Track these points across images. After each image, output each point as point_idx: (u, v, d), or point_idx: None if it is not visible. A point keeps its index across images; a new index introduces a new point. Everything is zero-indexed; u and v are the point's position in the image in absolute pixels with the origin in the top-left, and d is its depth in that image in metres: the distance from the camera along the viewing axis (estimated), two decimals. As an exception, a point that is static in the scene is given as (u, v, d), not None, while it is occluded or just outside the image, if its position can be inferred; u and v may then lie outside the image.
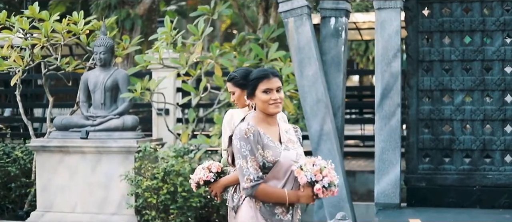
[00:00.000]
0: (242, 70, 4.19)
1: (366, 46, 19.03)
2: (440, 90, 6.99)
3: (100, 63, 7.68)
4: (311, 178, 3.15)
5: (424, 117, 7.01)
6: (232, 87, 4.17)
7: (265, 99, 3.33)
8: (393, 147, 6.61)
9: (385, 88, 6.65)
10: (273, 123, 3.41)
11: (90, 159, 7.41)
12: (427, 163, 7.03)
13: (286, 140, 3.42)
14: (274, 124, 3.42)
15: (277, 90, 3.31)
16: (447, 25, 6.99)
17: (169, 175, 6.98)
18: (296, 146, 3.45)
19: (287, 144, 3.42)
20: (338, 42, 7.07)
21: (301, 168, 3.19)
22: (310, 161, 3.20)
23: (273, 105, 3.30)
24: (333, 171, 3.21)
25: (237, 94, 4.15)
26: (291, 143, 3.44)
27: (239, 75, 4.12)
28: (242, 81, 4.06)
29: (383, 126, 6.65)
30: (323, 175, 3.15)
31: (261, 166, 3.31)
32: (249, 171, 3.26)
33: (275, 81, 3.31)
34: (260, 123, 3.38)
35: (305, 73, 6.78)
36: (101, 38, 7.70)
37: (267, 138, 3.34)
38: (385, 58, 6.66)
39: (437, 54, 6.99)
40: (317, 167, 3.16)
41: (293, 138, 3.47)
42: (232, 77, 4.16)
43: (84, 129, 7.50)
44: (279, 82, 3.33)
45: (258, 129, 3.33)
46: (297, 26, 6.82)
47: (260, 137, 3.32)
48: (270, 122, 3.40)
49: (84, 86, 7.77)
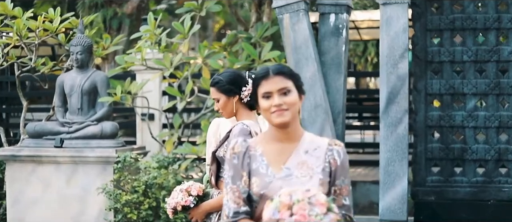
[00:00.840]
0: (228, 73, 3.58)
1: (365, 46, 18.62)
2: (450, 94, 6.64)
3: (77, 64, 7.18)
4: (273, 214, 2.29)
5: (433, 124, 6.65)
6: (216, 93, 3.54)
7: (265, 107, 2.57)
8: (400, 158, 6.24)
9: (391, 92, 6.27)
10: (288, 138, 2.58)
11: (65, 169, 6.99)
12: (436, 175, 6.68)
13: (295, 164, 2.54)
14: (290, 141, 2.58)
15: (282, 93, 2.54)
16: (459, 22, 6.62)
17: (151, 188, 6.58)
18: (310, 175, 2.53)
19: (295, 170, 2.53)
20: (338, 41, 6.70)
21: (272, 199, 2.34)
22: (290, 192, 2.32)
23: (275, 114, 2.52)
24: (318, 209, 2.26)
25: (223, 102, 3.54)
26: (305, 169, 2.54)
27: (224, 79, 3.52)
28: (229, 86, 3.45)
29: (388, 134, 6.27)
30: (292, 212, 2.26)
31: (246, 198, 2.54)
32: (228, 204, 2.54)
33: (276, 81, 2.54)
34: (269, 140, 2.60)
35: (302, 75, 6.02)
36: (78, 36, 7.22)
37: (261, 161, 2.55)
38: (391, 59, 6.27)
39: (448, 54, 6.63)
40: (286, 201, 2.27)
41: (312, 162, 2.55)
42: (216, 82, 3.54)
43: (58, 137, 7.04)
44: (284, 82, 2.55)
45: (254, 147, 2.58)
46: (293, 23, 6.44)
47: (250, 159, 2.56)
48: (282, 138, 2.58)
49: (60, 90, 7.31)
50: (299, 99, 2.59)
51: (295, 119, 2.57)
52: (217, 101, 3.58)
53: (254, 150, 2.59)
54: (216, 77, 3.57)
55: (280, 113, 2.52)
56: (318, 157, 2.56)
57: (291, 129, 2.57)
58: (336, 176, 2.57)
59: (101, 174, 6.88)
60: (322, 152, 2.58)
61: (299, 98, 2.59)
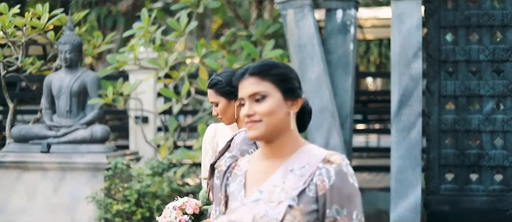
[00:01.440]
0: (228, 73, 3.17)
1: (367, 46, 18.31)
2: (466, 96, 6.42)
3: (66, 64, 6.89)
4: None
5: (447, 128, 6.44)
6: (215, 96, 3.12)
7: (241, 118, 2.24)
8: (413, 165, 5.99)
9: (403, 94, 6.03)
10: (275, 155, 2.08)
11: (52, 176, 6.77)
12: (451, 182, 6.47)
13: (271, 186, 2.03)
14: (278, 157, 2.09)
15: (254, 100, 2.04)
16: (475, 19, 6.40)
17: (144, 197, 6.37)
18: (279, 200, 1.98)
19: (267, 194, 2.02)
20: (346, 39, 6.55)
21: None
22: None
23: (247, 126, 2.05)
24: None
25: (222, 106, 3.12)
26: (277, 193, 2.00)
27: (224, 79, 3.11)
28: (229, 88, 3.05)
29: (401, 139, 6.03)
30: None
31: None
32: None
33: (248, 85, 2.05)
34: (260, 155, 2.15)
35: (307, 75, 6.25)
36: (67, 34, 6.93)
37: (239, 182, 2.10)
38: (403, 58, 6.03)
39: (463, 53, 6.41)
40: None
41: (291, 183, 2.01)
42: (215, 83, 3.11)
43: (45, 141, 6.78)
44: (257, 85, 2.04)
45: (240, 165, 2.13)
46: (298, 19, 6.25)
47: (229, 179, 2.12)
48: (269, 154, 2.09)
49: (47, 91, 7.04)
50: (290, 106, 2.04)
51: (281, 131, 2.04)
52: (216, 106, 3.16)
53: (238, 169, 2.13)
54: (215, 78, 3.13)
55: (251, 125, 2.04)
56: (301, 177, 2.00)
57: (276, 143, 2.07)
58: (326, 204, 1.98)
59: (90, 181, 6.69)
60: (309, 170, 2.00)
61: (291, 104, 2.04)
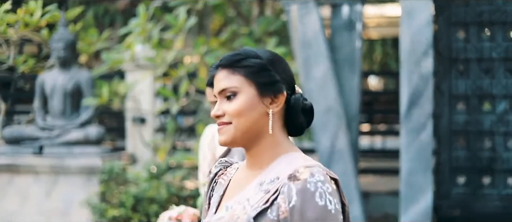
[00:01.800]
0: None
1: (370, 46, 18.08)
2: (478, 96, 6.24)
3: (59, 62, 6.78)
4: None
5: (458, 129, 6.27)
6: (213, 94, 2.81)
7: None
8: (424, 168, 5.80)
9: (413, 94, 5.84)
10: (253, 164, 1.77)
11: (45, 180, 6.66)
12: (462, 186, 6.30)
13: (237, 201, 1.74)
14: (255, 167, 1.77)
15: (224, 96, 1.73)
16: (487, 15, 6.22)
17: (141, 202, 6.19)
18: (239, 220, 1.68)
19: (231, 210, 1.74)
20: (352, 36, 6.36)
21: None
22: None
23: (218, 129, 1.75)
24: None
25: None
26: (239, 210, 1.71)
27: None
28: None
29: (410, 141, 5.83)
30: None
31: None
32: None
33: (218, 79, 1.75)
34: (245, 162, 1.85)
35: (312, 74, 6.11)
36: (60, 31, 6.80)
37: (219, 194, 1.82)
38: (413, 56, 5.83)
39: (475, 51, 6.24)
40: None
41: (255, 200, 1.70)
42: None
43: (37, 143, 6.69)
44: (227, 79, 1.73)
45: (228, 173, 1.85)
46: (302, 15, 6.07)
47: (214, 189, 1.86)
48: (248, 163, 1.79)
49: (40, 91, 6.93)
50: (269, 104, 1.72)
51: (257, 136, 1.73)
52: (214, 104, 2.88)
53: (224, 178, 1.84)
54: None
55: (220, 129, 1.73)
56: (266, 193, 1.69)
57: (254, 151, 1.75)
58: None
59: (84, 185, 6.59)
60: (276, 186, 1.69)
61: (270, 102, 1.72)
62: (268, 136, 1.72)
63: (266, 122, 1.71)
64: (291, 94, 1.75)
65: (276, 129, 1.73)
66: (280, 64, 1.75)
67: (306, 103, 1.77)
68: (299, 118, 1.75)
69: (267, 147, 1.73)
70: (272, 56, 1.75)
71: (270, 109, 1.71)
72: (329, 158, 6.04)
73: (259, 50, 1.76)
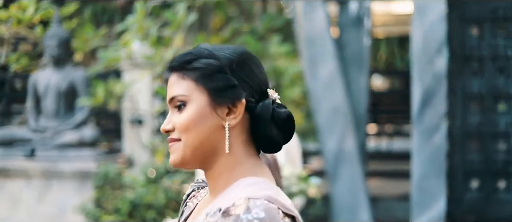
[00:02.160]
0: None
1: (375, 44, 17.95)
2: (492, 95, 6.08)
3: (53, 61, 6.60)
4: None
5: (471, 131, 6.11)
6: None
7: None
8: (437, 172, 5.69)
9: (425, 93, 5.73)
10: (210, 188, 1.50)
11: (37, 184, 6.49)
12: (476, 191, 6.13)
13: None
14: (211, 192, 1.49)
15: (174, 106, 1.45)
16: (502, 11, 6.06)
17: (137, 208, 6.06)
18: None
19: None
20: (360, 33, 6.32)
21: None
22: None
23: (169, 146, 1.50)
24: None
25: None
26: None
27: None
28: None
29: (423, 143, 5.71)
30: None
31: None
32: None
33: (168, 87, 1.48)
34: None
35: (318, 73, 6.03)
36: (54, 28, 6.65)
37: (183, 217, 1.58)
38: (425, 54, 5.72)
39: (489, 49, 6.08)
40: None
41: None
42: None
43: (29, 145, 6.51)
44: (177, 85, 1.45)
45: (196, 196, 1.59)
46: (307, 11, 6.01)
47: (185, 210, 1.59)
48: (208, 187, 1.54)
49: (33, 91, 6.75)
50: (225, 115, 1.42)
51: (212, 156, 1.44)
52: None
53: (195, 199, 1.58)
54: None
55: (170, 146, 1.45)
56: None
57: (210, 173, 1.46)
58: None
59: (78, 190, 6.44)
60: (214, 220, 1.42)
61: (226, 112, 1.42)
62: (225, 154, 1.42)
63: (223, 137, 1.41)
64: (259, 102, 1.43)
65: (236, 145, 1.42)
66: (244, 65, 1.43)
67: (280, 112, 1.44)
68: (269, 130, 1.43)
69: (223, 169, 1.43)
70: (234, 55, 1.43)
71: (227, 122, 1.40)
72: (336, 161, 5.96)
73: (219, 48, 1.44)
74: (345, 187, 5.74)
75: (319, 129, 6.04)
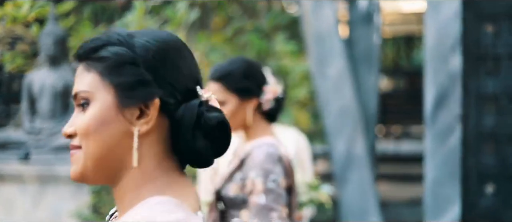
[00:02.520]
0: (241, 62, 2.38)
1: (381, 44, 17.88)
2: (508, 96, 5.91)
3: (48, 60, 6.43)
4: None
5: (486, 133, 5.92)
6: (222, 93, 2.34)
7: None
8: (451, 177, 5.48)
9: (439, 94, 5.54)
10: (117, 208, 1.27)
11: (32, 189, 6.28)
12: (491, 196, 5.93)
13: None
14: (119, 212, 1.25)
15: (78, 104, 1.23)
16: None
17: None
18: None
19: None
20: (369, 30, 6.12)
21: None
22: None
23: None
24: None
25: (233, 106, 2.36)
26: None
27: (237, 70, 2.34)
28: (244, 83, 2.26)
29: (436, 146, 5.52)
30: None
31: None
32: None
33: (75, 78, 1.29)
34: None
35: (326, 72, 5.86)
36: (50, 27, 6.46)
37: None
38: (439, 53, 5.53)
39: (505, 47, 5.89)
40: None
41: None
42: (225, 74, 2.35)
43: (23, 148, 6.33)
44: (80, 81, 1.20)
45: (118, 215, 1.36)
46: (315, 8, 5.80)
47: None
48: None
49: (27, 91, 6.58)
50: (135, 118, 1.14)
51: (116, 169, 1.16)
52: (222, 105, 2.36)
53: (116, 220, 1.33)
54: (223, 68, 2.31)
55: (71, 155, 1.21)
56: None
57: (116, 191, 1.19)
58: None
59: (75, 195, 6.20)
60: None
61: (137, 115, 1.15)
62: (134, 169, 1.14)
63: (130, 147, 1.13)
64: (181, 103, 1.14)
65: (147, 158, 1.13)
66: (164, 56, 1.14)
67: (210, 117, 1.13)
68: (192, 140, 1.13)
69: (131, 186, 1.15)
70: (152, 43, 1.14)
71: (136, 127, 1.13)
72: (345, 165, 5.78)
73: (137, 33, 1.16)
74: (354, 190, 5.53)
75: (327, 130, 5.89)
